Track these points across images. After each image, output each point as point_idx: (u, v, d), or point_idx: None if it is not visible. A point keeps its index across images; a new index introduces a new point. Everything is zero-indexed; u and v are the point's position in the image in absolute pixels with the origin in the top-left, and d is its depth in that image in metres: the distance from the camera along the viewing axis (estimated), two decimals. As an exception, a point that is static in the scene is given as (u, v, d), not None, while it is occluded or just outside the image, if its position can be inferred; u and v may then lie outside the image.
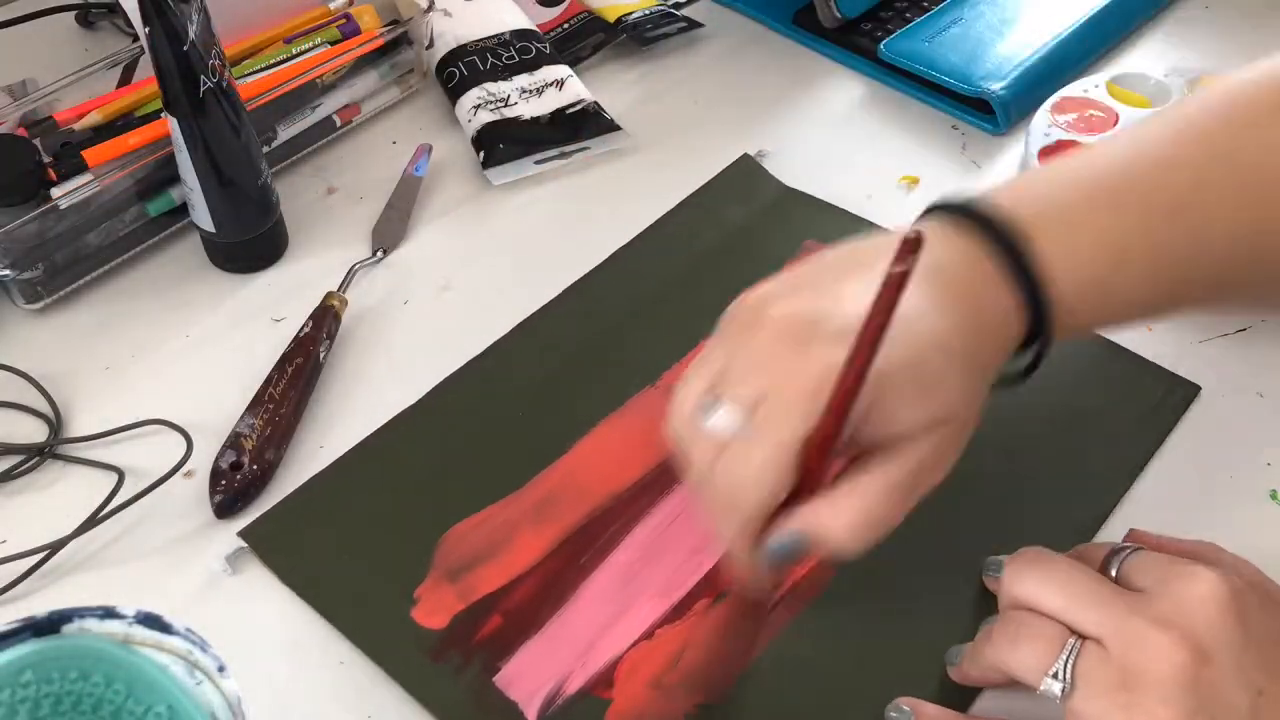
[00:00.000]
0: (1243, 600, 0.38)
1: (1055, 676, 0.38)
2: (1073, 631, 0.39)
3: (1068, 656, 0.38)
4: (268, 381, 0.55)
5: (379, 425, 0.54)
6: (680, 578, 0.48)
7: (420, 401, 0.55)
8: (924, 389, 0.38)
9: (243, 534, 0.50)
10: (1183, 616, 0.38)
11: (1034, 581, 0.41)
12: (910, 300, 0.35)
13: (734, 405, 0.38)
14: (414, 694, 0.44)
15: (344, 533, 0.50)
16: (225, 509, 0.51)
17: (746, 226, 0.64)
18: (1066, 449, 0.52)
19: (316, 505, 0.51)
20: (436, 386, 0.56)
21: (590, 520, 0.50)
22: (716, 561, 0.48)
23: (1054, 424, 0.53)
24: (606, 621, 0.46)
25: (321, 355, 0.56)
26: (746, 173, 0.67)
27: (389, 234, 0.64)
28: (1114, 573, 0.41)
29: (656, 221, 0.64)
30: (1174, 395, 0.54)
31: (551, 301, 0.60)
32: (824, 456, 0.37)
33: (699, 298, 0.60)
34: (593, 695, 0.44)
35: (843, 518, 0.38)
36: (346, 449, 0.53)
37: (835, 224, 0.63)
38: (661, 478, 0.51)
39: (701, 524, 0.43)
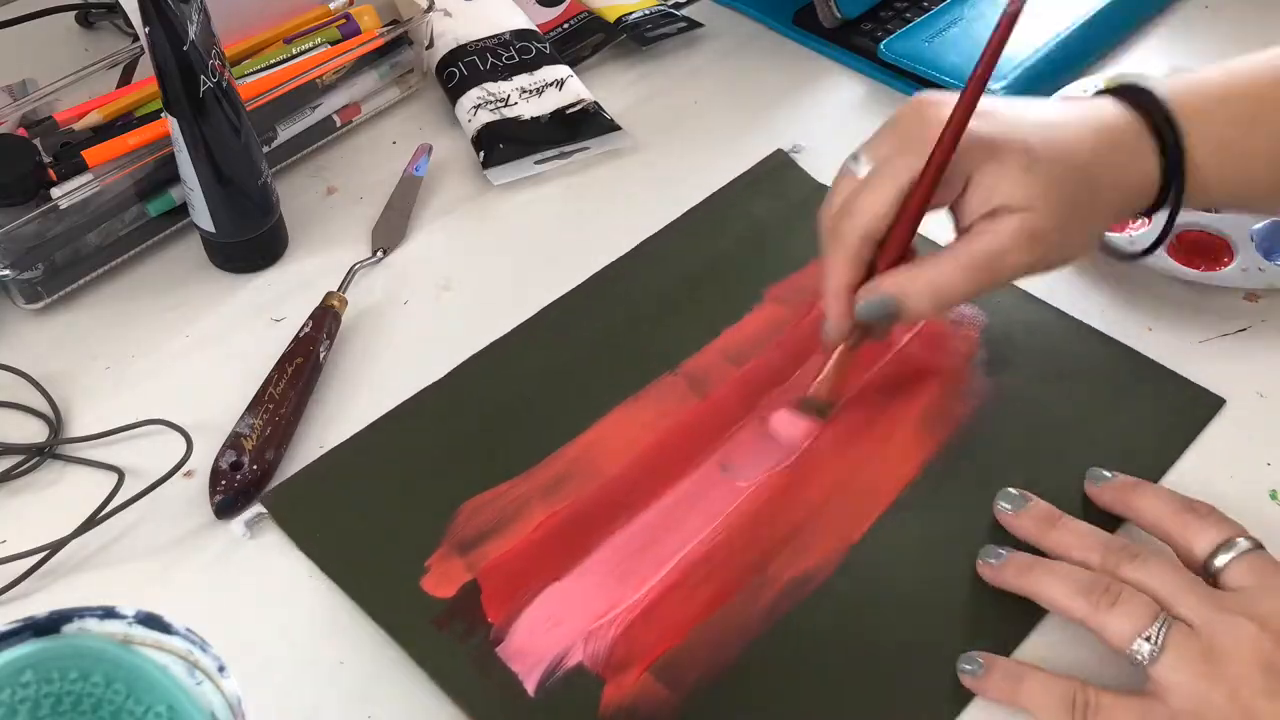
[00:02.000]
0: None
1: (1148, 639, 0.40)
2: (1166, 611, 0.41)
3: (1161, 624, 0.40)
4: (268, 381, 0.55)
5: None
6: (684, 558, 0.48)
7: (441, 380, 0.56)
8: (1027, 170, 0.44)
9: (263, 499, 0.51)
10: (1274, 617, 0.40)
11: (1131, 571, 0.43)
12: (1050, 114, 0.47)
13: (867, 159, 0.47)
14: (416, 659, 0.45)
15: (360, 503, 0.51)
16: (225, 509, 0.51)
17: (775, 221, 0.64)
18: (1086, 456, 0.51)
19: (335, 475, 0.52)
20: (457, 368, 0.56)
21: (600, 499, 0.51)
22: (717, 540, 0.49)
23: (1076, 431, 0.52)
24: (610, 597, 0.47)
25: (321, 355, 0.56)
26: (778, 168, 0.67)
27: (389, 234, 0.64)
28: (1220, 562, 0.43)
29: (685, 213, 0.64)
30: (1197, 407, 0.54)
31: (575, 288, 0.60)
32: (921, 201, 0.45)
33: (722, 289, 0.60)
34: (591, 672, 0.45)
35: (920, 282, 0.46)
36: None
37: None
38: (675, 462, 0.52)
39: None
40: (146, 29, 0.53)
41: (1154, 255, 0.59)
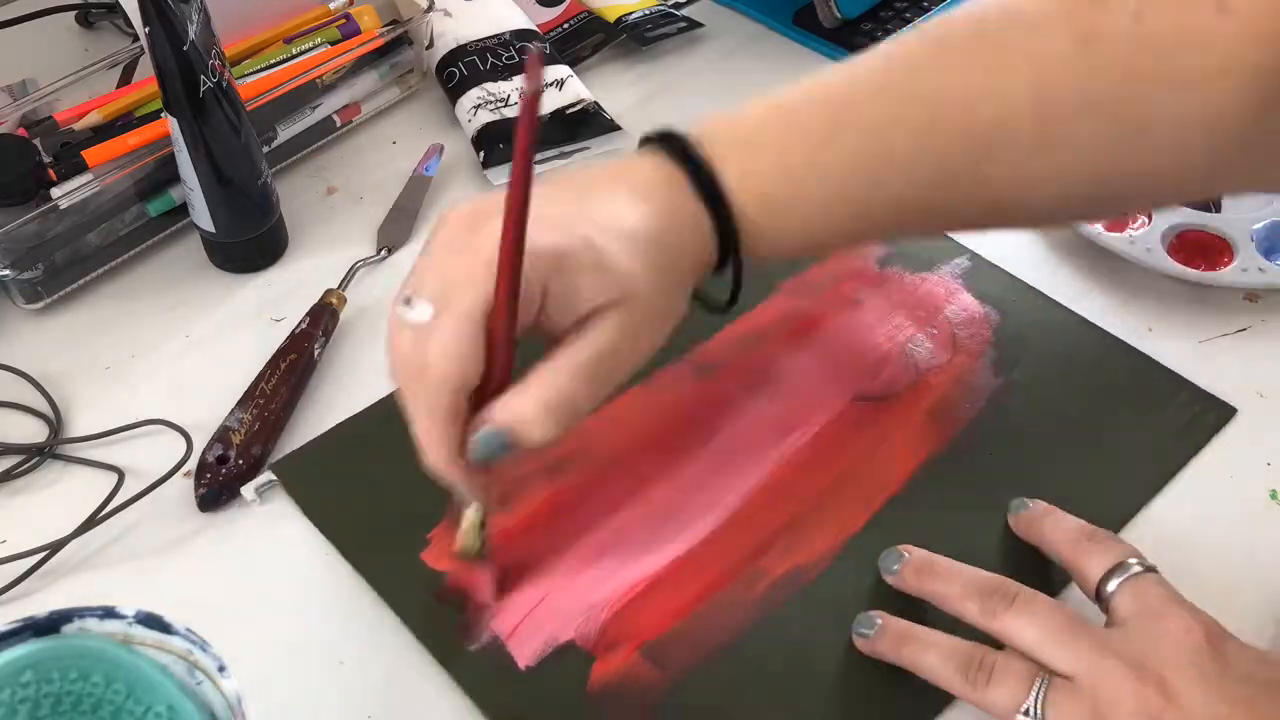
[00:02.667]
0: (1217, 641, 0.39)
1: (1027, 713, 0.39)
2: (1043, 668, 0.40)
3: (1038, 691, 0.39)
4: (260, 377, 0.54)
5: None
6: (682, 544, 0.49)
7: None
8: (604, 267, 0.39)
9: (273, 468, 0.51)
10: (1152, 654, 0.38)
11: (1009, 618, 0.41)
12: (600, 195, 0.41)
13: (423, 299, 0.39)
14: (414, 631, 0.46)
15: (367, 476, 0.51)
16: (209, 502, 0.51)
17: None
18: (1093, 460, 0.51)
19: (344, 447, 0.53)
20: None
21: (603, 480, 0.51)
22: (715, 528, 0.49)
23: (1084, 434, 0.52)
24: (607, 578, 0.47)
25: (316, 352, 0.56)
26: None
27: (395, 233, 0.64)
28: (1111, 586, 0.42)
29: None
30: (1207, 415, 0.53)
31: None
32: (507, 329, 0.39)
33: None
34: (582, 649, 0.45)
35: (532, 402, 0.39)
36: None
37: None
38: (678, 446, 0.52)
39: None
40: (146, 29, 0.53)
41: (1155, 255, 0.59)
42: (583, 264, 0.39)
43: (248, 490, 0.51)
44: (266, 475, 0.51)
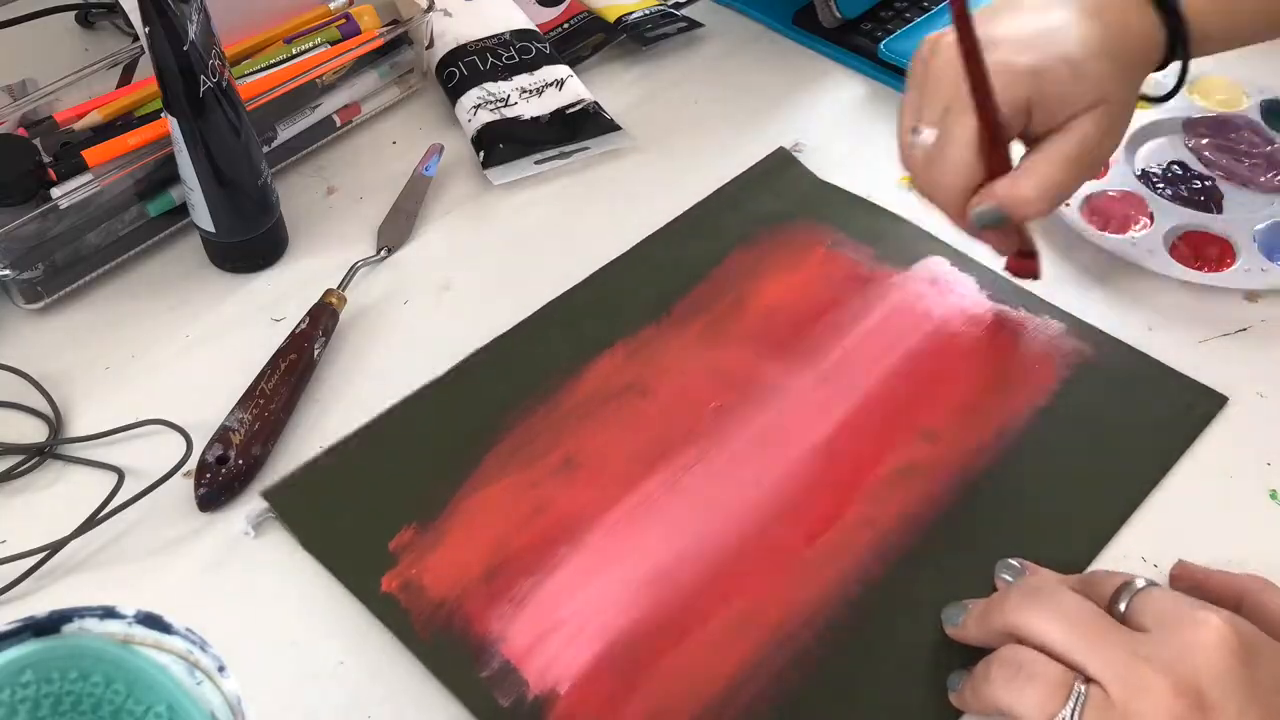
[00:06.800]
0: (1250, 648, 0.38)
1: None
2: (1074, 671, 0.39)
3: (1074, 706, 0.38)
4: (260, 377, 0.54)
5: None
6: (705, 557, 0.48)
7: (444, 375, 0.56)
8: (1077, 77, 0.48)
9: (265, 495, 0.51)
10: (1185, 664, 0.38)
11: (1037, 615, 0.41)
12: (1058, 16, 0.49)
13: (928, 127, 0.51)
14: (424, 661, 0.45)
15: (363, 497, 0.51)
16: (208, 502, 0.51)
17: (777, 217, 0.64)
18: (1088, 453, 0.51)
19: (338, 471, 0.52)
20: (459, 363, 0.57)
21: (600, 493, 0.51)
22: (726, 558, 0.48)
23: (1078, 428, 0.52)
24: (604, 597, 0.47)
25: (316, 352, 0.56)
26: (780, 165, 0.67)
27: (395, 233, 0.64)
28: (1123, 606, 0.41)
29: (686, 210, 0.64)
30: (1199, 405, 0.53)
31: (580, 283, 0.60)
32: (995, 137, 0.49)
33: (725, 284, 0.60)
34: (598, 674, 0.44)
35: (1025, 184, 0.49)
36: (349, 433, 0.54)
37: (866, 218, 0.64)
38: (672, 449, 0.52)
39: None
40: (146, 29, 0.53)
41: (1158, 258, 0.59)
42: (1061, 77, 0.48)
43: (241, 522, 0.50)
44: (260, 505, 0.51)
